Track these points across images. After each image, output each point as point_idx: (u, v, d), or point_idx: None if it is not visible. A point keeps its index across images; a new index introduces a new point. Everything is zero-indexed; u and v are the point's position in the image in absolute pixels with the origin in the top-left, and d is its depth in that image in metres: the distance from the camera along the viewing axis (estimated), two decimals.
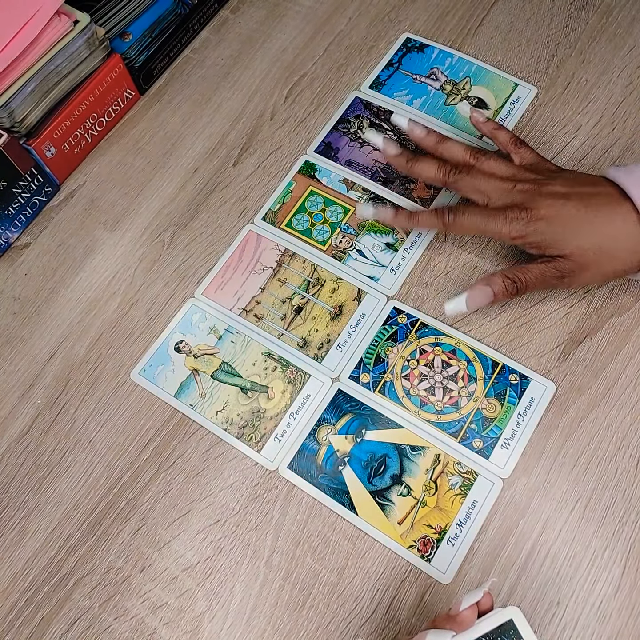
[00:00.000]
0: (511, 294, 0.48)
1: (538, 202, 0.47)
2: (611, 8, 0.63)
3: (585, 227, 0.46)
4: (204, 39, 0.68)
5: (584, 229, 0.46)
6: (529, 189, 0.48)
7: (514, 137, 0.52)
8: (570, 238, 0.46)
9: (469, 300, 0.48)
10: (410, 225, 0.53)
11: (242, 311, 0.54)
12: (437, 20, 0.65)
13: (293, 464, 0.48)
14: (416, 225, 0.52)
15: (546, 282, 0.48)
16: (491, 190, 0.49)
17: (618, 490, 0.46)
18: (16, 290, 0.57)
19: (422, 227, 0.52)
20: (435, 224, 0.50)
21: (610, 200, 0.47)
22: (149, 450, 0.50)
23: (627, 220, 0.46)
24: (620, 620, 0.43)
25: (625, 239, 0.46)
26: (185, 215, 0.59)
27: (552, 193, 0.47)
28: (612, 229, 0.46)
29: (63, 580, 0.47)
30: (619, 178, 0.47)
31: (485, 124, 0.54)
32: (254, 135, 0.62)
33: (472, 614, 0.35)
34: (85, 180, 0.62)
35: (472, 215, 0.49)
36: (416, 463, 0.48)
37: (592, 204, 0.47)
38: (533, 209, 0.47)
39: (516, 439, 0.48)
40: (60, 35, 0.55)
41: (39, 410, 0.52)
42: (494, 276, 0.48)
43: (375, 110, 0.61)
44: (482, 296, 0.48)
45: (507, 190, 0.48)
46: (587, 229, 0.46)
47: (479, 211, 0.49)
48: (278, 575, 0.46)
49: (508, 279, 0.48)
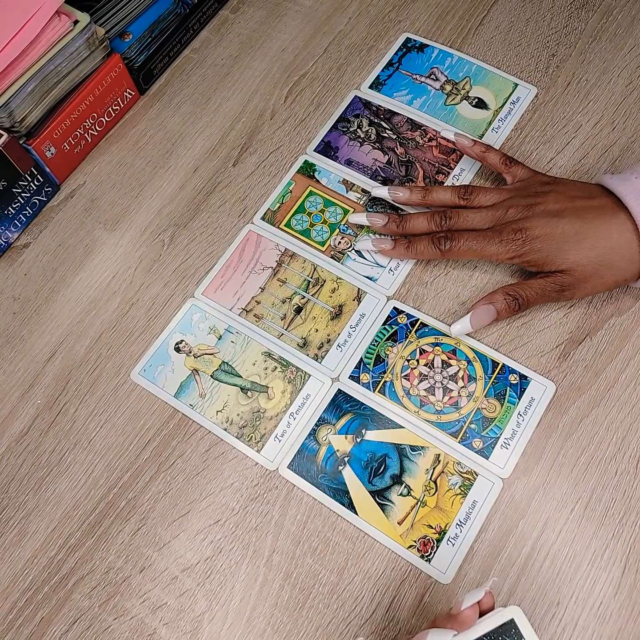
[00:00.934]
0: (514, 311, 0.48)
1: (532, 222, 0.48)
2: (611, 8, 0.63)
3: (581, 241, 0.47)
4: (204, 39, 0.68)
5: (580, 244, 0.47)
6: (522, 211, 0.49)
7: (504, 157, 0.53)
8: (567, 254, 0.47)
9: (472, 319, 0.49)
10: (410, 256, 0.52)
11: (242, 311, 0.54)
12: (437, 20, 0.65)
13: (293, 464, 0.48)
14: (415, 255, 0.52)
15: (547, 296, 0.48)
16: (484, 221, 0.50)
17: (618, 490, 0.46)
18: (16, 290, 0.57)
19: (421, 257, 0.52)
20: (434, 253, 0.51)
21: (604, 212, 0.47)
22: (149, 450, 0.50)
23: (623, 230, 0.46)
24: (620, 620, 0.43)
25: (624, 249, 0.46)
26: (185, 215, 0.59)
27: (545, 212, 0.48)
28: (609, 240, 0.46)
29: (63, 580, 0.47)
30: (613, 186, 0.47)
31: (473, 148, 0.54)
32: (254, 135, 0.62)
33: (474, 614, 0.35)
34: (85, 180, 0.62)
35: (469, 241, 0.49)
36: (416, 463, 0.48)
37: (587, 217, 0.47)
38: (528, 229, 0.47)
39: (516, 439, 0.48)
40: (60, 35, 0.55)
41: (39, 410, 0.52)
42: (496, 294, 0.49)
43: (375, 110, 0.61)
44: (486, 315, 0.48)
45: (499, 217, 0.49)
46: (584, 244, 0.47)
47: (475, 236, 0.49)
48: (278, 576, 0.46)
49: (509, 296, 0.48)
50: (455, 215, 0.50)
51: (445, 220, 0.51)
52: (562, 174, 0.56)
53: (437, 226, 0.51)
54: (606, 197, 0.48)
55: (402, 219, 0.52)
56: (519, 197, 0.50)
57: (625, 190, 0.46)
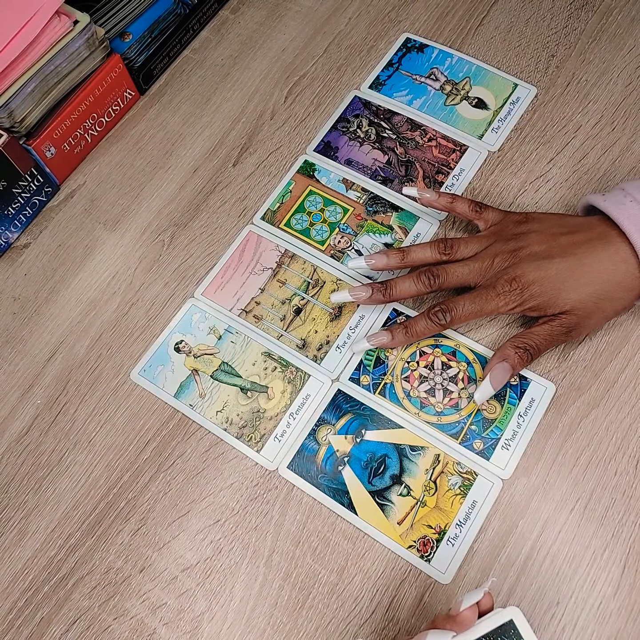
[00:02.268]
0: (527, 362, 0.47)
1: (523, 268, 0.46)
2: (611, 8, 0.63)
3: (579, 279, 0.46)
4: (204, 39, 0.68)
5: (579, 282, 0.46)
6: (508, 258, 0.47)
7: (472, 203, 0.51)
8: (568, 294, 0.46)
9: (493, 382, 0.47)
10: (411, 340, 0.50)
11: (241, 312, 0.54)
12: (437, 20, 0.65)
13: (293, 464, 0.49)
14: (416, 338, 0.50)
15: (555, 340, 0.47)
16: (473, 275, 0.48)
17: (618, 490, 0.46)
18: (16, 290, 0.57)
19: (422, 337, 0.50)
20: (435, 329, 0.49)
21: (593, 245, 0.46)
22: (148, 450, 0.50)
23: (616, 260, 0.45)
24: (620, 620, 0.43)
25: (621, 279, 0.46)
26: (185, 216, 0.59)
27: (532, 255, 0.47)
28: (606, 273, 0.46)
29: (63, 580, 0.47)
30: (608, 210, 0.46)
31: (439, 201, 0.52)
32: (253, 135, 0.62)
33: (473, 614, 0.35)
34: (85, 180, 0.62)
35: (466, 306, 0.48)
36: (416, 463, 0.48)
37: (577, 253, 0.46)
38: (521, 277, 0.46)
39: (517, 440, 0.48)
40: (60, 36, 0.55)
41: (39, 410, 0.52)
42: (506, 349, 0.47)
43: (375, 110, 0.61)
44: (503, 374, 0.47)
45: (487, 268, 0.48)
46: (582, 281, 0.46)
47: (470, 298, 0.48)
48: (278, 576, 0.46)
49: (520, 349, 0.47)
50: (443, 272, 0.48)
51: (433, 279, 0.48)
52: (562, 174, 0.56)
53: (426, 287, 0.49)
54: (587, 230, 0.47)
55: (386, 286, 0.49)
56: (500, 242, 0.49)
57: (621, 215, 0.45)
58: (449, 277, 0.48)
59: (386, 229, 0.56)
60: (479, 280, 0.48)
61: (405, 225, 0.56)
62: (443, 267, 0.49)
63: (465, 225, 0.56)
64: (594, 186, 0.56)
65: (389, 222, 0.56)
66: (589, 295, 0.46)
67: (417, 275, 0.49)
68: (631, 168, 0.56)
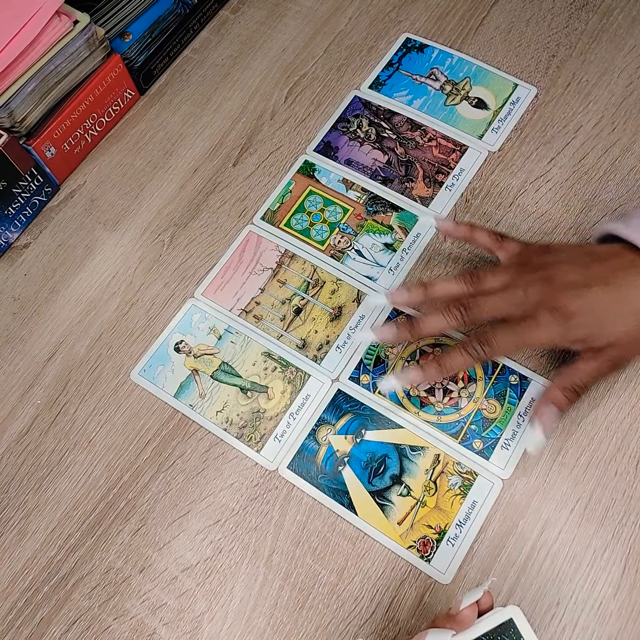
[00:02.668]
0: (574, 402, 0.46)
1: (562, 298, 0.44)
2: (611, 8, 0.63)
3: (622, 307, 0.44)
4: (204, 39, 0.68)
5: (621, 311, 0.44)
6: (542, 287, 0.44)
7: (493, 234, 0.49)
8: (613, 325, 0.44)
9: (545, 429, 0.45)
10: (445, 375, 0.47)
11: (241, 312, 0.54)
12: (437, 21, 0.65)
13: (293, 464, 0.48)
14: (452, 372, 0.46)
15: (601, 375, 0.45)
16: (506, 306, 0.45)
17: (618, 490, 0.46)
18: (16, 290, 0.57)
19: (458, 370, 0.47)
20: (472, 362, 0.45)
21: (628, 271, 0.44)
22: (148, 450, 0.50)
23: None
24: (620, 620, 0.43)
25: None
26: (185, 216, 0.59)
27: (568, 284, 0.44)
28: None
29: (63, 580, 0.47)
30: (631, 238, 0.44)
31: (457, 230, 0.50)
32: (254, 135, 0.62)
33: (472, 613, 0.35)
34: (85, 180, 0.62)
35: (505, 337, 0.44)
36: (416, 463, 0.48)
37: (615, 282, 0.44)
38: (562, 307, 0.43)
39: (517, 440, 0.48)
40: (60, 36, 0.55)
41: (39, 410, 0.52)
42: (553, 391, 0.45)
43: (375, 110, 0.61)
44: (552, 417, 0.45)
45: (521, 298, 0.44)
46: (625, 309, 0.44)
47: (510, 329, 0.44)
48: (278, 576, 0.46)
49: (568, 390, 0.45)
50: (475, 305, 0.45)
51: (465, 311, 0.45)
52: (562, 174, 0.56)
53: (457, 320, 0.45)
54: (617, 257, 0.45)
55: (412, 324, 0.46)
56: (528, 272, 0.46)
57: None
58: (484, 309, 0.45)
59: (386, 229, 0.56)
60: (512, 311, 0.45)
61: (405, 225, 0.56)
62: (475, 300, 0.45)
63: None
64: (594, 186, 0.56)
65: (389, 222, 0.56)
66: (633, 324, 0.44)
67: (447, 309, 0.45)
68: (631, 168, 0.56)
